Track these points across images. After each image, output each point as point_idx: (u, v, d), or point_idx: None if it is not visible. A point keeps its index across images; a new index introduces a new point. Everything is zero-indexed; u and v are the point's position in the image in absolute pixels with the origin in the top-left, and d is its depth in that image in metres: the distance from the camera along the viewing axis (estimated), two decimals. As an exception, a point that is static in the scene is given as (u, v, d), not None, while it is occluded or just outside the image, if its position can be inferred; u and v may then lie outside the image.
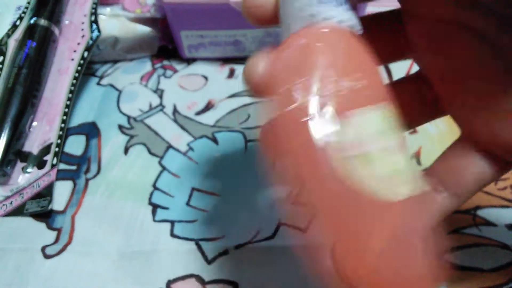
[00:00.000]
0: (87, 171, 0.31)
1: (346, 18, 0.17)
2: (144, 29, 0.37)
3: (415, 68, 0.20)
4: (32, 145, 0.32)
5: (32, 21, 0.35)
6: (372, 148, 0.15)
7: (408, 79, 0.21)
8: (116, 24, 0.37)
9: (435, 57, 0.19)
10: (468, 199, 0.19)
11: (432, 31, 0.18)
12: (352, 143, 0.15)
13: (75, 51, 0.35)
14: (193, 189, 0.30)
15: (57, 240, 0.27)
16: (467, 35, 0.17)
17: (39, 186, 0.29)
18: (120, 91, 0.36)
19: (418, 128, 0.32)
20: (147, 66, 0.38)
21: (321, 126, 0.15)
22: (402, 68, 0.31)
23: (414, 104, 0.20)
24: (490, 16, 0.16)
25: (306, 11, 0.17)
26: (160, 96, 0.36)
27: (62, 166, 0.31)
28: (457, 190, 0.19)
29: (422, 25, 0.18)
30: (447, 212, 0.19)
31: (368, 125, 0.16)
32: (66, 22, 0.37)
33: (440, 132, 0.31)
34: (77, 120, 0.34)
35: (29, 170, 0.31)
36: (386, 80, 0.17)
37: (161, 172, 0.31)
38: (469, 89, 0.18)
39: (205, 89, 0.36)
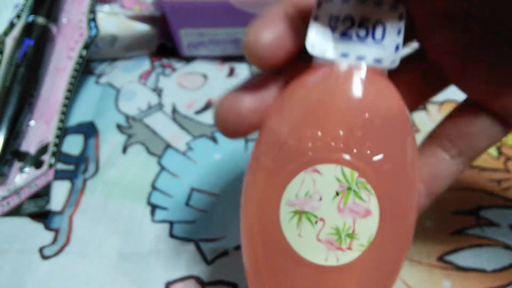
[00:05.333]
0: (85, 170, 0.31)
1: (379, 55, 0.16)
2: (143, 27, 0.37)
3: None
4: (30, 145, 0.31)
5: (29, 19, 0.34)
6: (321, 208, 0.15)
7: (406, 60, 0.21)
8: (114, 22, 0.36)
9: (444, 32, 0.18)
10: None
11: (442, 7, 0.18)
12: (306, 199, 0.15)
13: (73, 49, 0.35)
14: (192, 189, 0.29)
15: (54, 241, 0.27)
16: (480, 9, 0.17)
17: (36, 186, 0.29)
18: (118, 90, 0.36)
19: (420, 127, 0.31)
20: (146, 64, 0.38)
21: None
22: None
23: (416, 81, 0.20)
24: None
25: (339, 47, 0.16)
26: (159, 95, 0.35)
27: (59, 165, 0.31)
28: (470, 155, 0.19)
29: (430, 3, 0.18)
30: (458, 176, 0.19)
31: (331, 182, 0.15)
32: (64, 20, 0.37)
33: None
34: (75, 119, 0.34)
35: (26, 169, 0.30)
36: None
37: (160, 172, 0.30)
38: (479, 59, 0.18)
39: (204, 87, 0.36)
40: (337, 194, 0.15)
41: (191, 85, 0.36)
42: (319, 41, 0.16)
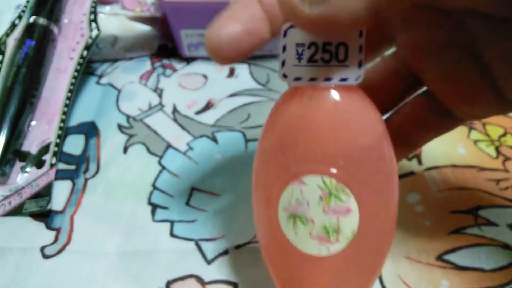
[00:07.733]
0: (86, 170, 0.31)
1: (344, 75, 0.18)
2: (144, 28, 0.37)
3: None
4: (31, 145, 0.31)
5: (31, 20, 0.35)
6: (310, 211, 0.18)
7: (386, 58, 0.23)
8: (115, 22, 0.37)
9: (407, 33, 0.21)
10: None
11: (405, 13, 0.20)
12: (297, 205, 0.18)
13: (74, 50, 0.35)
14: (192, 188, 0.29)
15: (56, 240, 0.27)
16: (435, 15, 0.19)
17: (38, 186, 0.29)
18: (119, 90, 0.36)
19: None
20: (146, 65, 0.38)
21: None
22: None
23: (390, 81, 0.23)
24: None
25: (308, 72, 0.18)
26: (160, 95, 0.36)
27: (61, 165, 0.31)
28: None
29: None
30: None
31: (314, 190, 0.18)
32: (65, 21, 0.37)
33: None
34: (76, 119, 0.34)
35: (28, 169, 0.30)
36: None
37: (160, 172, 0.30)
38: (434, 58, 0.20)
39: (205, 88, 0.36)
40: (321, 198, 0.18)
41: (192, 86, 0.36)
42: (289, 70, 0.18)
